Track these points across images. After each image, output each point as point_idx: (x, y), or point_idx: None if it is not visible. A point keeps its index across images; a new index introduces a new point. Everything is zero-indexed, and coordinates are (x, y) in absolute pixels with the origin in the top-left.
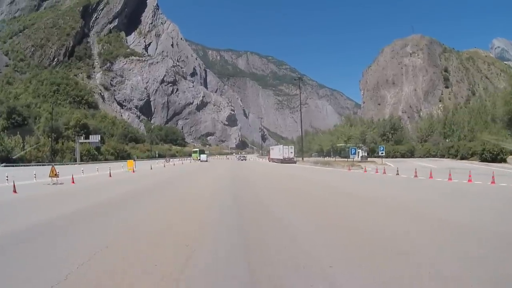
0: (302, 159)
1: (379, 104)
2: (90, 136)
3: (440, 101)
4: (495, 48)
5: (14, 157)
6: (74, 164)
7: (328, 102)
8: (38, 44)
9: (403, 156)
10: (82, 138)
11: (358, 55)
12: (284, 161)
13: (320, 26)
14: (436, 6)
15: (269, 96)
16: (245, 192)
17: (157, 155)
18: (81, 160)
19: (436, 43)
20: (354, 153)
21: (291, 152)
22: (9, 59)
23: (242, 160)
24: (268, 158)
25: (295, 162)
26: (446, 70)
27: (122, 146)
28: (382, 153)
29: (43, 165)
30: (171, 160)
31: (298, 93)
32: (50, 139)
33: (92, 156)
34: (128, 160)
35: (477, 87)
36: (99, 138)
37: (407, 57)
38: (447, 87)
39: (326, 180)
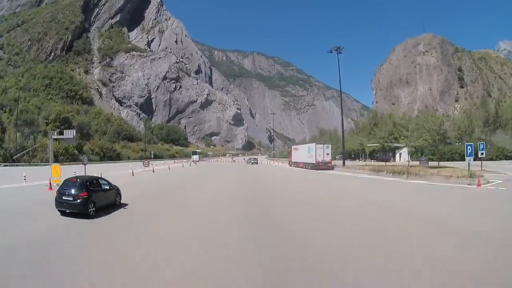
0: (343, 164)
1: (393, 104)
2: (64, 131)
3: (456, 101)
4: (502, 51)
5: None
6: (46, 164)
7: (335, 103)
8: (35, 38)
9: (462, 158)
10: (55, 133)
11: (365, 57)
12: (318, 166)
13: (326, 27)
14: (442, 7)
15: (275, 97)
16: None
17: (152, 156)
18: (56, 160)
19: (448, 43)
20: (471, 154)
21: (328, 154)
22: (4, 52)
23: (252, 163)
24: (289, 162)
25: (332, 168)
26: (460, 70)
27: (110, 145)
28: (482, 153)
29: (4, 165)
30: (151, 163)
31: (304, 94)
32: (16, 134)
33: (70, 155)
34: (52, 165)
35: (492, 87)
36: (74, 134)
37: (420, 56)
38: (462, 86)
39: None
